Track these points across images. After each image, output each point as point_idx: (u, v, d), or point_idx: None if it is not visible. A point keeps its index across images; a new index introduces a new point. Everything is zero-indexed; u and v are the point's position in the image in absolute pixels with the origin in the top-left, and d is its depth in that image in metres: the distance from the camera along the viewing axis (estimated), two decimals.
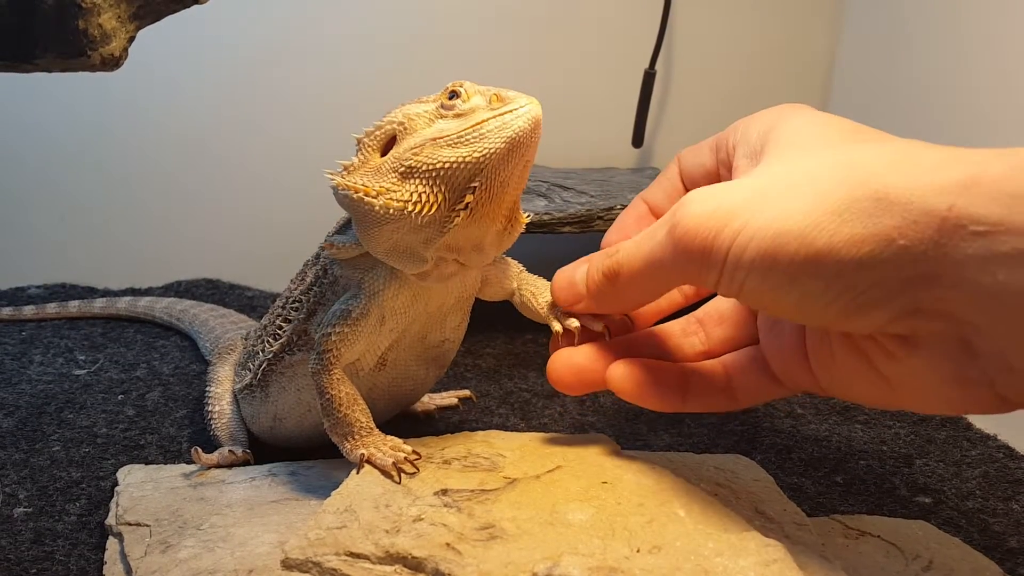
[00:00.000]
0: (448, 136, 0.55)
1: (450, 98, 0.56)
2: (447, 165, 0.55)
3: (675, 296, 0.62)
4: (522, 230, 0.60)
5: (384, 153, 0.57)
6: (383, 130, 0.57)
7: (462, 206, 0.55)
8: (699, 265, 0.47)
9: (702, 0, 1.22)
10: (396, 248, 0.58)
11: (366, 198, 0.55)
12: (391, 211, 0.55)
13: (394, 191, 0.55)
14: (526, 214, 0.61)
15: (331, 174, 0.58)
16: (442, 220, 0.56)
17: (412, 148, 0.55)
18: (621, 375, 0.57)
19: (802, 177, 0.45)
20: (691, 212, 0.47)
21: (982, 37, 0.94)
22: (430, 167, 0.55)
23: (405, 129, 0.56)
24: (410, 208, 0.55)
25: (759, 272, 0.44)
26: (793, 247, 0.43)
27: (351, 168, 0.58)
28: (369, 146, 0.58)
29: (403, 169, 0.55)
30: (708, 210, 0.46)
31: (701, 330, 0.60)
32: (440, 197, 0.55)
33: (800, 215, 0.43)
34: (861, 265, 0.42)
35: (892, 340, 0.46)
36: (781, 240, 0.43)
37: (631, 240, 0.53)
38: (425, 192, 0.55)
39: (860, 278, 0.42)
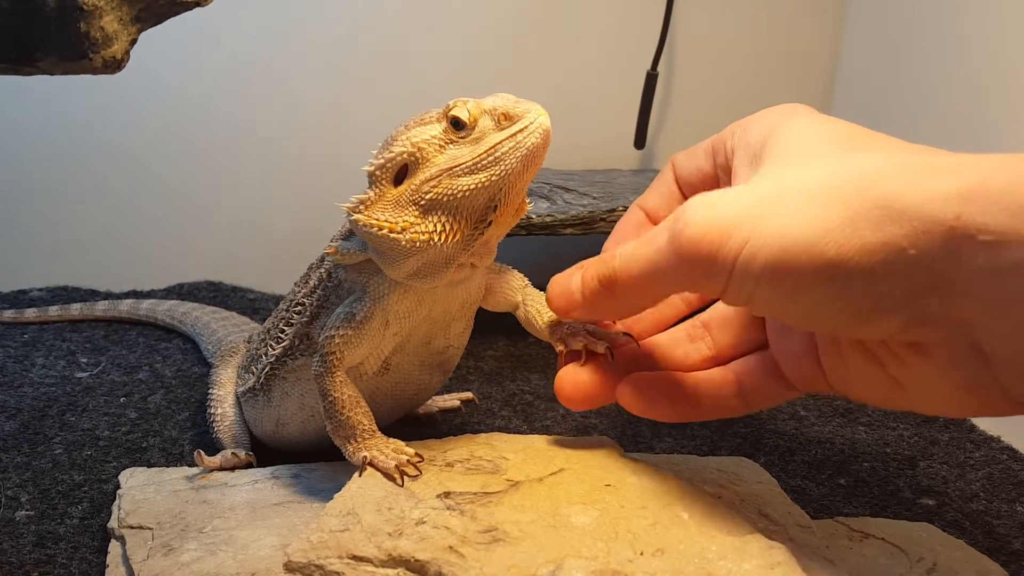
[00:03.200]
0: (463, 164, 0.55)
1: (455, 126, 0.56)
2: (467, 193, 0.55)
3: (679, 305, 0.61)
4: (524, 213, 0.61)
5: (397, 182, 0.57)
6: (394, 161, 0.57)
7: (486, 224, 0.57)
8: (703, 274, 0.46)
9: (704, 1, 1.22)
10: (420, 272, 0.58)
11: (391, 234, 0.56)
12: (418, 244, 0.56)
13: (418, 225, 0.56)
14: (529, 202, 0.61)
15: (349, 208, 0.57)
16: (467, 241, 0.57)
17: (429, 180, 0.56)
18: (631, 394, 0.56)
19: (806, 185, 0.44)
20: (693, 220, 0.46)
21: (984, 38, 0.93)
22: (451, 198, 0.55)
23: (416, 160, 0.56)
24: (436, 239, 0.56)
25: (768, 282, 0.44)
26: (804, 258, 0.42)
27: (368, 203, 0.57)
28: (382, 179, 0.57)
29: (424, 203, 0.56)
30: (711, 218, 0.45)
31: (707, 335, 0.59)
32: (463, 223, 0.56)
33: (808, 225, 0.42)
34: (873, 274, 0.42)
35: (904, 347, 0.46)
36: (791, 251, 0.43)
37: (628, 246, 0.51)
38: (448, 221, 0.56)
39: (871, 287, 0.42)
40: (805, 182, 0.45)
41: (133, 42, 0.57)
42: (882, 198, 0.41)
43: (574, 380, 0.59)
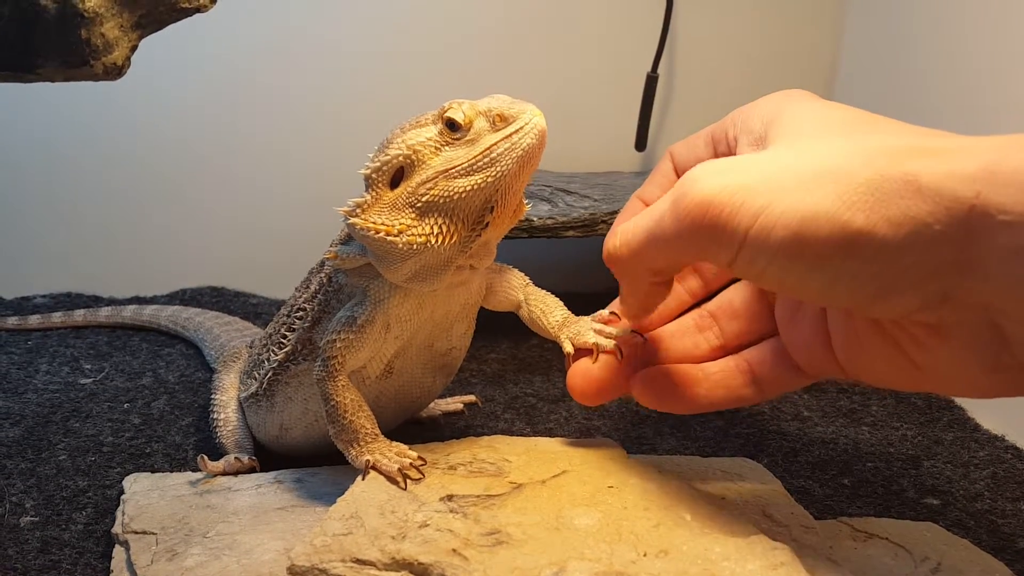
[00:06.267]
0: (459, 166, 0.55)
1: (451, 128, 0.56)
2: (463, 194, 0.55)
3: (684, 296, 0.61)
4: (523, 215, 0.61)
5: (393, 184, 0.57)
6: (390, 164, 0.57)
7: (482, 226, 0.57)
8: (709, 242, 0.44)
9: (704, 3, 1.22)
10: (418, 275, 0.58)
11: (388, 237, 0.56)
12: (415, 246, 0.56)
13: (414, 227, 0.56)
14: (528, 203, 0.61)
15: (346, 212, 0.57)
16: (464, 243, 0.57)
17: (424, 183, 0.56)
18: (644, 387, 0.56)
19: (821, 158, 0.43)
20: (700, 185, 0.44)
21: (984, 38, 0.93)
22: (447, 200, 0.55)
23: (412, 162, 0.56)
24: (433, 241, 0.56)
25: (786, 255, 0.42)
26: (826, 230, 0.41)
27: (364, 206, 0.57)
28: (379, 182, 0.57)
29: (420, 205, 0.56)
30: (720, 185, 0.43)
31: (715, 324, 0.59)
32: (460, 225, 0.56)
33: (830, 197, 0.41)
34: (898, 248, 0.40)
35: (921, 329, 0.45)
36: (812, 223, 0.41)
37: (628, 221, 0.50)
38: (445, 223, 0.56)
39: (895, 261, 0.41)
40: (822, 156, 0.43)
41: (134, 48, 0.58)
42: (905, 172, 0.40)
43: (585, 374, 0.59)
